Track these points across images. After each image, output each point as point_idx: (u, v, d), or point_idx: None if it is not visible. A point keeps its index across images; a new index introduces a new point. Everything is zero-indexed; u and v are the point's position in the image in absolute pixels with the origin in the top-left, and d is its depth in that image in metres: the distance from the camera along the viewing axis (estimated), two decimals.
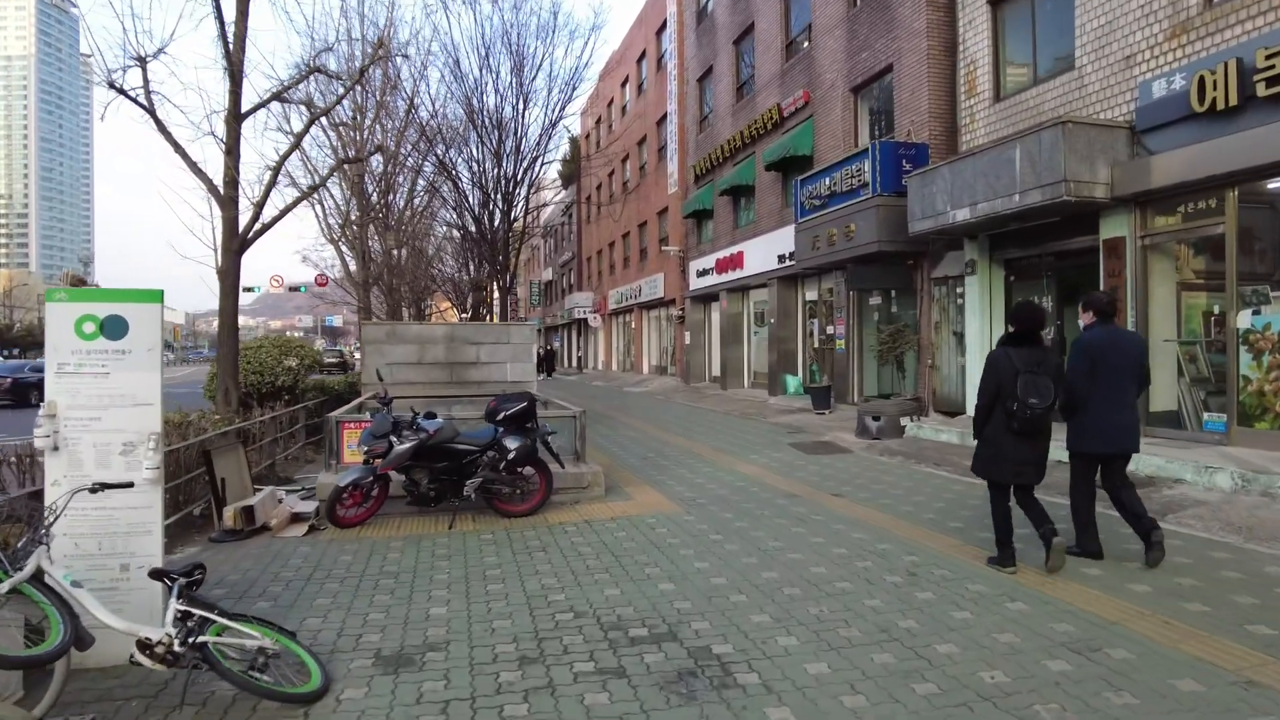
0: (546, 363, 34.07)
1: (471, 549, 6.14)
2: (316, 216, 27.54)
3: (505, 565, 5.65)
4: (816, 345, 17.64)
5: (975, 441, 5.15)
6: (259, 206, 10.78)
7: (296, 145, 10.70)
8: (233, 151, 10.91)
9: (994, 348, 5.04)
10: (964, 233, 11.43)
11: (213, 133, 10.78)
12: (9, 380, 24.24)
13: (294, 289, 42.04)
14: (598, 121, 38.37)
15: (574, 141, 42.62)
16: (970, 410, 11.55)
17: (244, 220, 10.85)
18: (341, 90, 11.60)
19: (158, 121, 10.66)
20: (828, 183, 13.96)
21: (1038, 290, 11.16)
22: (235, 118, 10.90)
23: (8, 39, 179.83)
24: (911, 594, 4.77)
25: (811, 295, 18.09)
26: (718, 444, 11.76)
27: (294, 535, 6.73)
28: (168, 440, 7.05)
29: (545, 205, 37.61)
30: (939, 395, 12.66)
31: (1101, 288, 9.45)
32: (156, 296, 4.07)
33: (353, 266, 27.30)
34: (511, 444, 6.88)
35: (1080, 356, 5.05)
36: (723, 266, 21.30)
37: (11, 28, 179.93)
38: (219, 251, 11.00)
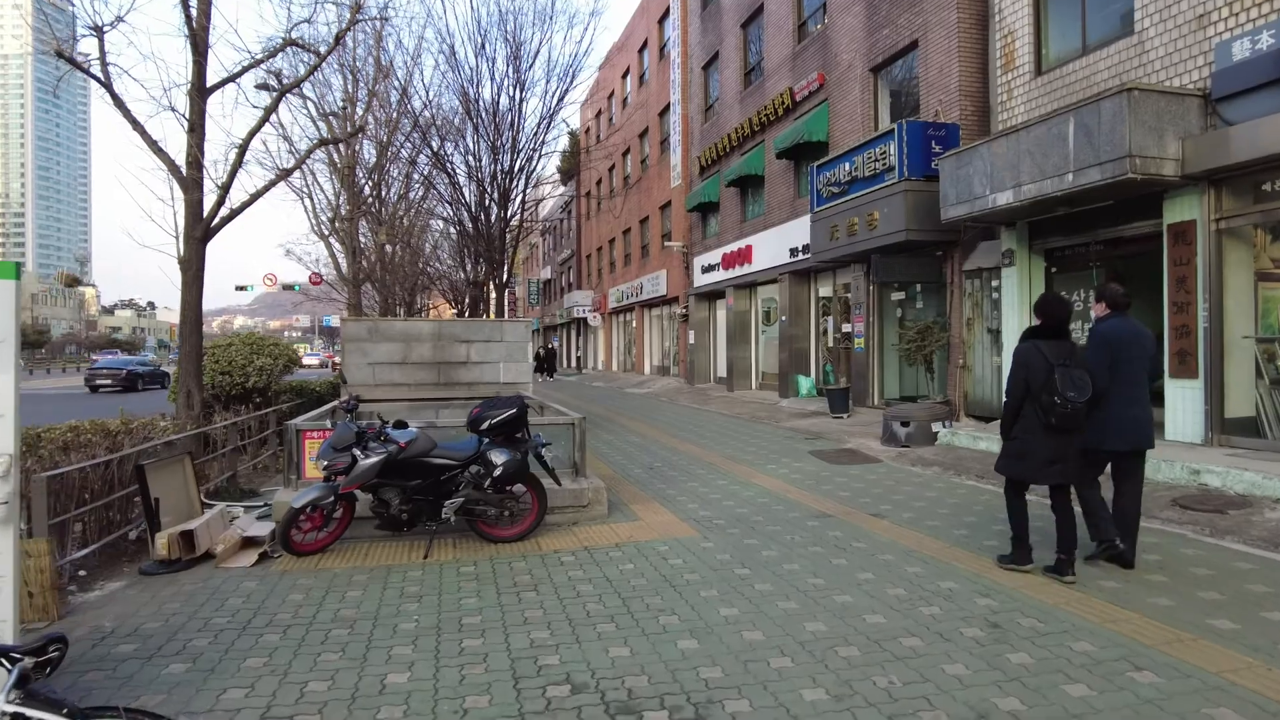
0: (547, 363, 32.94)
1: (449, 585, 5.09)
2: (306, 211, 26.60)
3: (487, 610, 4.60)
4: (831, 344, 16.61)
5: (1004, 442, 4.96)
6: (224, 189, 9.73)
7: (265, 120, 9.64)
8: (196, 129, 9.87)
9: (1019, 343, 4.86)
10: (1002, 219, 10.39)
11: (172, 107, 9.74)
12: (124, 372, 33.45)
13: (288, 288, 41.10)
14: (598, 114, 37.34)
15: (573, 135, 41.60)
16: None
17: (210, 205, 9.85)
18: (316, 59, 10.44)
19: (114, 95, 9.63)
20: (848, 168, 12.92)
21: (1084, 283, 10.12)
22: (199, 91, 9.87)
23: (4, 37, 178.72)
24: (1002, 656, 3.73)
25: (825, 291, 17.05)
26: (730, 451, 10.72)
27: (242, 565, 5.69)
28: (91, 452, 6.01)
29: (543, 200, 36.54)
30: (971, 398, 11.61)
31: (1166, 279, 8.41)
32: (8, 271, 3.02)
33: (343, 263, 26.34)
34: (498, 458, 5.83)
35: (1102, 349, 4.83)
36: (729, 261, 20.26)
37: (8, 26, 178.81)
38: (180, 239, 9.97)
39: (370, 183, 26.67)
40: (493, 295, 25.75)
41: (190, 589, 5.15)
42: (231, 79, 10.16)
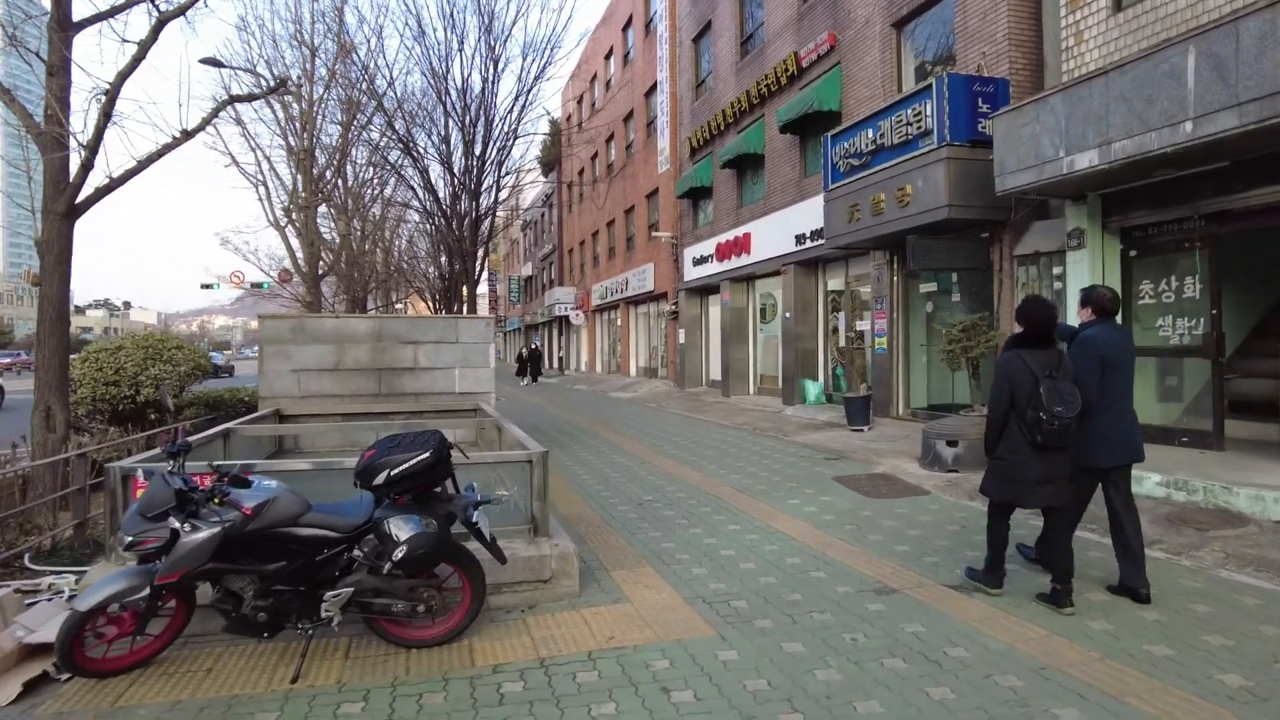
0: (531, 365, 30.32)
1: None
2: (261, 199, 24.36)
3: None
4: (842, 344, 14.60)
5: (989, 462, 4.56)
6: (90, 149, 7.55)
7: (140, 59, 7.47)
8: (57, 73, 7.70)
9: (1001, 352, 4.50)
10: (1073, 190, 8.41)
11: (18, 45, 7.57)
12: None
13: (256, 286, 38.72)
14: (579, 99, 35.20)
15: (554, 124, 39.46)
16: None
17: (87, 175, 7.71)
18: None
19: None
20: (871, 135, 10.89)
21: (1175, 269, 8.16)
22: (60, 25, 7.71)
23: None
24: None
25: (836, 284, 15.05)
26: (738, 478, 8.68)
27: (3, 696, 3.62)
28: None
29: (521, 187, 34.35)
30: None
31: None
32: None
33: (302, 257, 24.12)
34: (401, 530, 3.73)
35: (1092, 358, 4.44)
36: (724, 252, 18.22)
37: None
38: (39, 213, 7.82)
39: (332, 168, 24.51)
40: (465, 290, 23.64)
41: None
42: (108, 14, 8.00)
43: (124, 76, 7.45)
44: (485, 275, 68.18)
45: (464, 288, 23.10)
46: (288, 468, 4.75)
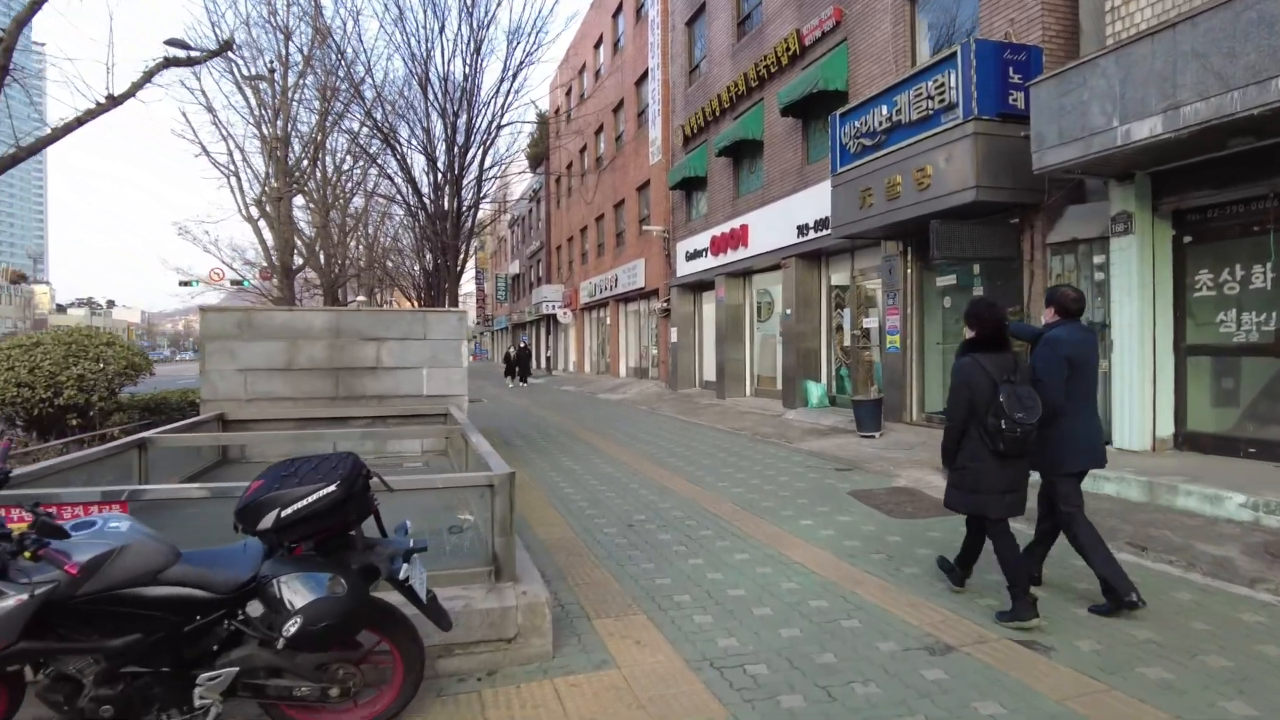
0: (520, 365, 28.29)
1: None
2: (232, 190, 23.19)
3: None
4: (847, 343, 13.63)
5: (950, 473, 4.29)
6: None
7: (39, 4, 6.37)
8: None
9: (960, 357, 4.22)
10: (1120, 168, 7.43)
11: None
12: None
13: (236, 283, 37.46)
14: (567, 91, 34.14)
15: (542, 117, 38.38)
16: (1125, 439, 7.58)
17: None
18: None
19: None
20: (886, 112, 9.89)
21: (1239, 257, 7.19)
22: None
23: None
24: None
25: (841, 278, 14.06)
26: (740, 491, 7.66)
27: None
28: None
29: (508, 180, 33.26)
30: None
31: None
32: None
33: (274, 248, 22.99)
34: (296, 594, 2.67)
35: (1059, 362, 4.18)
36: (720, 246, 17.20)
37: None
38: None
39: (307, 157, 23.34)
40: (447, 287, 22.53)
41: None
42: None
43: (21, 22, 6.34)
44: (474, 273, 67.11)
45: (447, 284, 22.03)
46: (172, 495, 3.69)
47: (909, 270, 11.08)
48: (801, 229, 13.65)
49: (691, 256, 19.15)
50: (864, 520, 6.47)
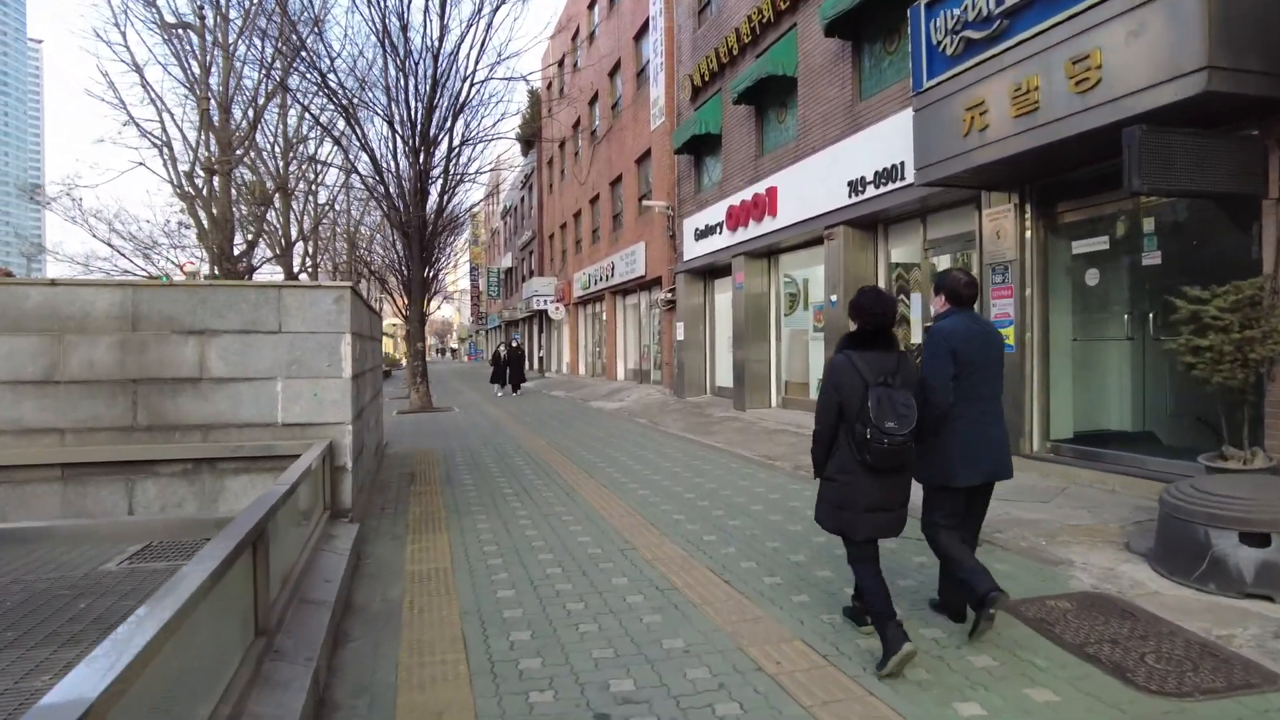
0: (512, 368, 22.07)
1: None
2: (165, 164, 19.81)
3: None
4: (916, 340, 10.17)
5: (819, 483, 3.69)
6: None
7: None
8: None
9: (834, 354, 3.59)
10: None
11: None
12: None
13: (211, 278, 33.90)
14: (560, 62, 30.70)
15: (533, 94, 34.93)
16: None
17: None
18: None
19: None
20: None
21: None
22: None
23: None
24: None
25: (905, 253, 10.60)
26: (807, 605, 4.20)
27: None
28: None
29: (498, 166, 29.80)
30: None
31: None
32: None
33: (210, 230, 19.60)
34: None
35: (942, 358, 3.66)
36: (738, 218, 13.72)
37: None
38: None
39: (248, 121, 19.88)
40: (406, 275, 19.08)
41: None
42: None
43: None
44: (468, 269, 63.63)
45: (412, 274, 18.57)
46: None
47: (1028, 232, 7.61)
48: (854, 186, 10.17)
49: (702, 235, 15.68)
50: (1085, 705, 3.02)
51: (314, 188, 25.71)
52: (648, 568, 5.03)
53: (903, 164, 9.15)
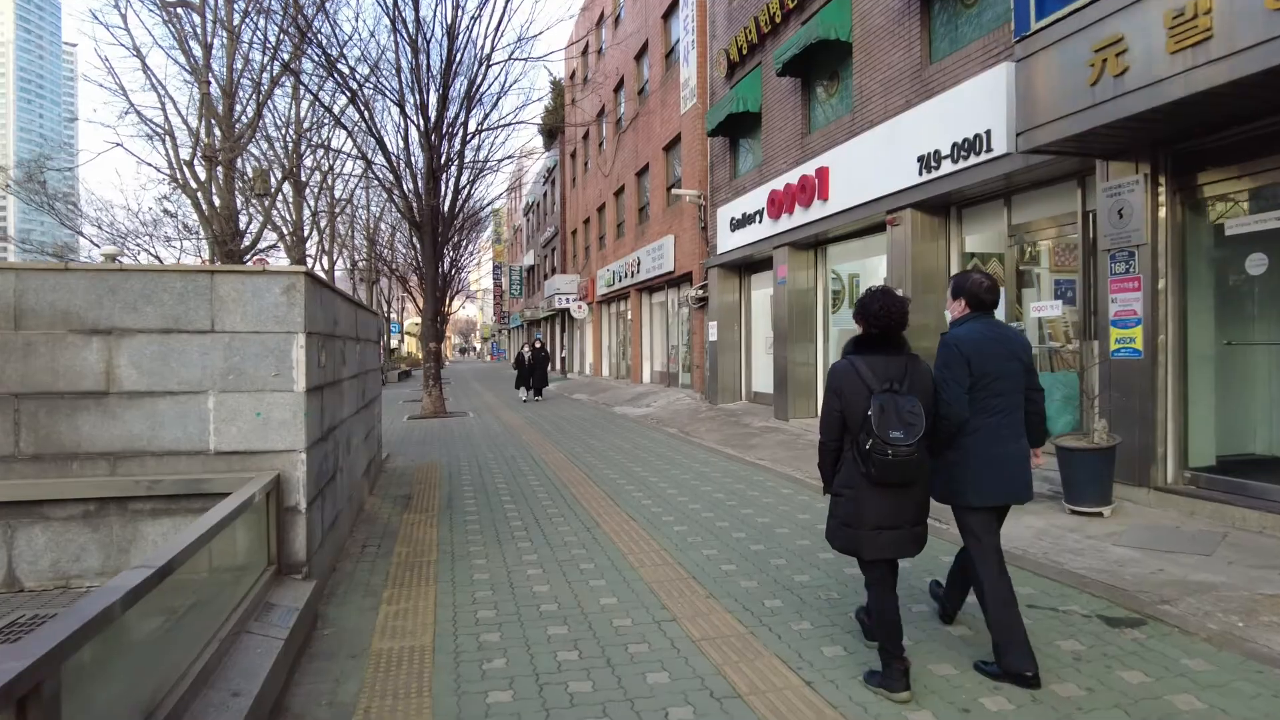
0: (535, 373, 20.45)
1: None
2: (167, 153, 18.74)
3: None
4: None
5: (830, 499, 3.43)
6: None
7: None
8: None
9: (839, 359, 3.34)
10: None
11: None
12: None
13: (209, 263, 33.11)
14: (584, 51, 29.41)
15: (556, 84, 33.69)
16: None
17: None
18: None
19: None
20: None
21: None
22: None
23: None
24: None
25: (981, 241, 9.13)
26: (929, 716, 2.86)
27: None
28: None
29: (517, 160, 28.60)
30: None
31: None
32: None
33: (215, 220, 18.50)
34: None
35: (955, 366, 3.34)
36: (780, 205, 12.29)
37: None
38: None
39: (253, 106, 18.78)
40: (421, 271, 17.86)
41: None
42: None
43: None
44: (491, 267, 62.57)
45: (433, 267, 17.34)
46: None
47: (1162, 210, 6.12)
48: (925, 162, 8.71)
49: (738, 225, 14.26)
50: None
51: (328, 178, 24.64)
52: (695, 654, 3.67)
53: (988, 133, 7.69)
